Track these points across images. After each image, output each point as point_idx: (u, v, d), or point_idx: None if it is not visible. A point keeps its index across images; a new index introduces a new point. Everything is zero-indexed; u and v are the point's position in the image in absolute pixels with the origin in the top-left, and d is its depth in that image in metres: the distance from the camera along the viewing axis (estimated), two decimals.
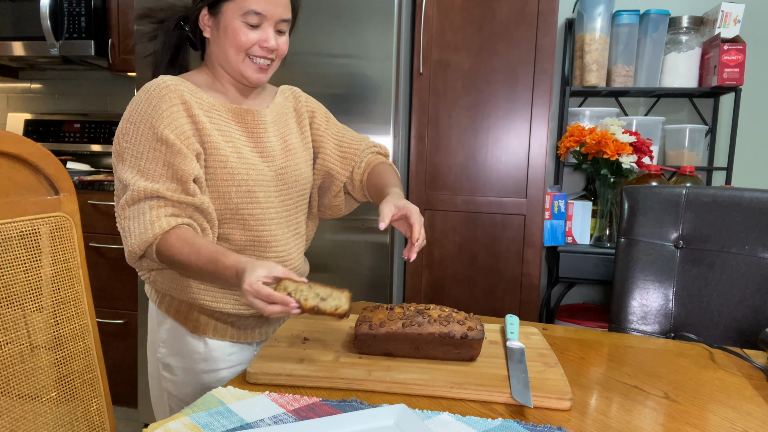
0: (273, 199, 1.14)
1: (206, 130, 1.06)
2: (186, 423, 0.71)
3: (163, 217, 0.99)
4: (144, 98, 1.04)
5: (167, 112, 1.02)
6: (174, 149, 1.01)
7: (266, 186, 1.12)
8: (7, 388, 0.80)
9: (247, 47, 1.07)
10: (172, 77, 1.08)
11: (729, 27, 2.11)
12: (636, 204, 1.41)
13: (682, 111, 2.42)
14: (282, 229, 1.16)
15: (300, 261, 1.24)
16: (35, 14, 2.59)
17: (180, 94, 1.05)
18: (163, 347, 1.15)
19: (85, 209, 2.42)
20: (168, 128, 1.01)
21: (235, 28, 1.06)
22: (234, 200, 1.08)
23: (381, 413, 0.71)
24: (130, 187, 1.00)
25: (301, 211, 1.23)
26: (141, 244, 0.98)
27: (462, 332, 0.89)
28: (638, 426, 0.75)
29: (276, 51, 1.10)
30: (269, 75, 1.13)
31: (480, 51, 2.01)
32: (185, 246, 0.97)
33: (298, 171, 1.19)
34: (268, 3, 1.06)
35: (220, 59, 1.11)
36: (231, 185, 1.07)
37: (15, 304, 0.82)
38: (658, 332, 1.37)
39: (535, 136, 2.00)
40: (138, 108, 1.03)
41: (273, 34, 1.08)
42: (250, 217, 1.10)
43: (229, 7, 1.06)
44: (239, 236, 1.11)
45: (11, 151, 0.84)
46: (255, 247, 1.13)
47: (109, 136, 2.96)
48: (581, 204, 2.18)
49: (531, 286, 2.03)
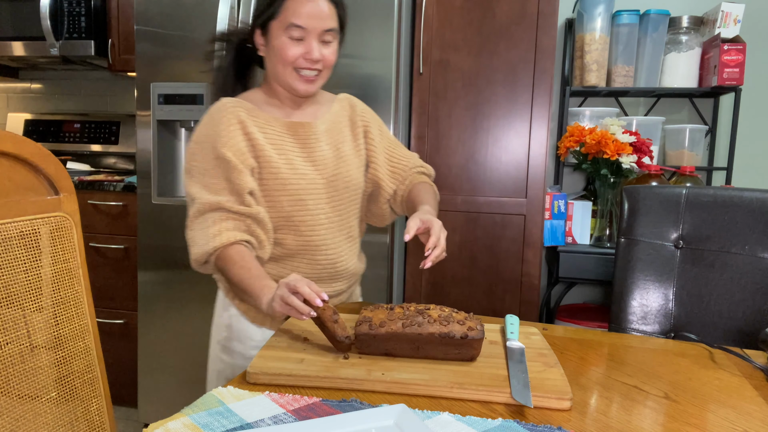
0: (323, 206, 1.21)
1: (260, 145, 1.15)
2: (186, 423, 0.71)
3: (225, 232, 1.10)
4: (207, 121, 1.17)
5: (225, 131, 1.14)
6: (231, 165, 1.12)
7: (317, 194, 1.20)
8: (7, 388, 0.80)
9: (293, 61, 1.14)
10: (231, 99, 1.20)
11: (729, 27, 2.11)
12: (636, 204, 1.41)
13: (682, 111, 2.42)
14: (333, 234, 1.23)
15: (353, 262, 1.30)
16: (35, 14, 2.59)
17: (236, 115, 1.16)
18: (225, 331, 1.26)
19: (85, 209, 2.42)
20: (225, 147, 1.13)
21: (281, 44, 1.14)
22: (286, 208, 1.17)
23: (381, 413, 0.71)
24: (196, 201, 1.13)
25: (353, 215, 1.29)
26: (203, 255, 1.10)
27: (462, 332, 0.89)
28: (638, 426, 0.75)
29: (321, 62, 1.16)
30: (317, 85, 1.20)
31: (480, 51, 2.01)
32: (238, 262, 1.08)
33: (349, 177, 1.25)
34: (309, 16, 1.12)
35: (273, 74, 1.20)
36: (282, 194, 1.17)
37: (15, 304, 0.82)
38: (658, 332, 1.37)
39: (535, 136, 2.00)
40: (202, 130, 1.17)
41: (316, 45, 1.14)
42: (301, 223, 1.19)
43: (275, 25, 1.14)
44: (292, 241, 1.20)
45: (11, 151, 0.84)
46: (306, 251, 1.21)
47: (108, 136, 2.96)
48: (581, 204, 2.18)
49: (531, 286, 2.03)
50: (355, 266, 1.31)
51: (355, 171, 1.27)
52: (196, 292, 2.19)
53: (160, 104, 2.15)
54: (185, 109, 2.13)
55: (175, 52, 2.12)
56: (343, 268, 1.27)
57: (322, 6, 1.13)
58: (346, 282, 1.30)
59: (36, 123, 3.04)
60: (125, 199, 2.40)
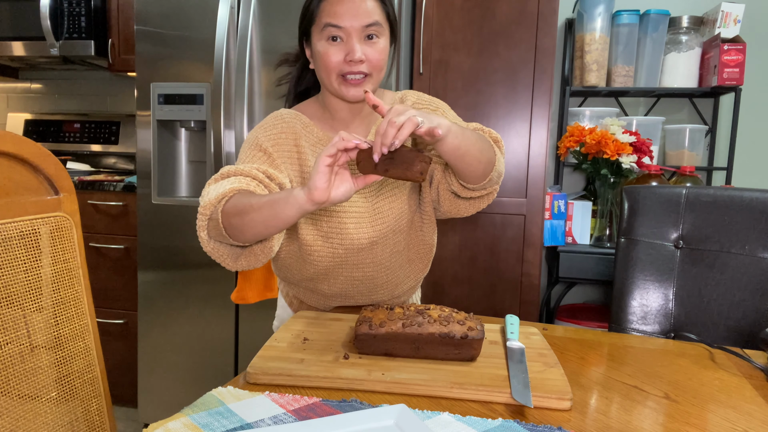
0: (366, 228, 1.14)
1: (308, 161, 1.11)
2: (186, 423, 0.71)
3: (239, 184, 0.97)
4: (261, 124, 1.14)
5: (274, 131, 1.12)
6: (271, 158, 1.09)
7: (358, 216, 1.13)
8: (7, 388, 0.80)
9: (336, 67, 1.06)
10: (289, 111, 1.16)
11: (729, 27, 2.11)
12: (636, 204, 1.41)
13: (682, 111, 2.42)
14: (374, 251, 1.16)
15: (397, 275, 1.22)
16: (35, 14, 2.59)
17: (292, 126, 1.13)
18: (276, 320, 1.36)
19: (85, 209, 2.42)
20: (269, 142, 1.10)
21: (322, 49, 1.06)
22: (324, 229, 1.13)
23: (381, 413, 0.71)
24: (221, 170, 1.03)
25: (399, 231, 1.18)
26: (208, 205, 0.96)
27: (462, 332, 0.89)
28: (638, 426, 0.75)
29: (365, 62, 1.06)
30: (367, 89, 1.07)
31: (480, 51, 2.01)
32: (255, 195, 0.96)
33: (393, 195, 1.16)
34: (346, 13, 1.03)
35: (322, 84, 1.13)
36: (323, 214, 1.12)
37: (15, 304, 0.82)
38: (658, 332, 1.37)
39: (535, 136, 2.00)
40: (254, 131, 1.14)
41: (357, 44, 1.04)
42: (339, 245, 1.13)
43: (314, 30, 1.08)
44: (328, 260, 1.15)
45: (11, 151, 0.84)
46: (343, 268, 1.16)
47: (108, 136, 2.96)
48: (581, 204, 2.18)
49: (531, 286, 2.03)
50: (397, 278, 1.24)
51: (402, 186, 1.17)
52: (196, 292, 2.19)
53: (160, 104, 2.15)
54: (185, 109, 2.13)
55: (175, 52, 2.12)
56: (383, 282, 1.21)
57: (361, 1, 1.04)
58: (388, 293, 1.25)
59: (36, 123, 3.04)
60: (125, 199, 2.40)
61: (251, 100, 2.07)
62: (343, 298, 1.23)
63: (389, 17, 1.09)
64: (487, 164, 1.07)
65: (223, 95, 2.04)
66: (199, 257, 2.17)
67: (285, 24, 2.02)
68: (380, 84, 1.14)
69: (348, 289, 1.21)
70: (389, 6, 1.09)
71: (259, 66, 2.05)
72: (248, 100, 2.06)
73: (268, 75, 2.06)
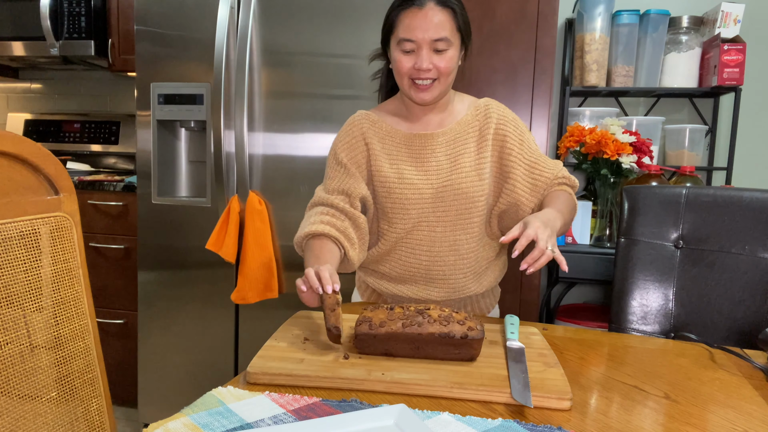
0: (428, 215, 1.27)
1: (375, 153, 1.28)
2: (186, 423, 0.71)
3: (320, 224, 1.20)
4: (340, 131, 1.33)
5: (346, 139, 1.30)
6: (349, 172, 1.27)
7: (422, 202, 1.26)
8: (7, 388, 0.80)
9: (406, 72, 1.21)
10: (362, 111, 1.33)
11: (729, 27, 2.11)
12: (636, 204, 1.41)
13: (682, 111, 2.42)
14: (432, 240, 1.28)
15: (458, 277, 1.31)
16: (35, 14, 2.59)
17: (360, 127, 1.30)
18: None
19: (85, 209, 2.42)
20: (344, 152, 1.28)
21: (396, 57, 1.21)
22: (388, 215, 1.28)
23: (381, 413, 0.71)
24: (314, 195, 1.29)
25: (461, 228, 1.28)
26: (298, 238, 1.22)
27: (462, 332, 0.89)
28: (638, 426, 0.75)
29: (432, 71, 1.19)
30: (434, 93, 1.22)
31: (480, 51, 2.01)
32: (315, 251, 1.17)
33: (461, 189, 1.25)
34: (416, 29, 1.16)
35: (399, 86, 1.27)
36: (388, 201, 1.27)
37: (15, 304, 0.82)
38: (658, 332, 1.37)
39: (535, 136, 2.00)
40: (335, 139, 1.33)
41: (426, 56, 1.18)
42: (403, 231, 1.28)
43: (392, 40, 1.22)
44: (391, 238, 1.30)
45: (11, 151, 0.84)
46: (400, 249, 1.30)
47: (108, 136, 2.96)
48: (581, 204, 2.18)
49: (531, 286, 2.03)
50: (458, 281, 1.31)
51: (470, 183, 1.25)
52: (196, 292, 2.19)
53: (160, 104, 2.15)
54: (185, 109, 2.13)
55: (175, 52, 2.12)
56: (439, 277, 1.30)
57: (432, 17, 1.16)
58: (444, 293, 1.32)
59: (36, 123, 3.04)
60: (125, 199, 2.40)
61: (251, 100, 2.07)
62: (401, 283, 1.34)
63: (460, 28, 1.20)
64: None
65: (223, 95, 2.04)
66: (199, 257, 2.17)
67: (285, 24, 2.02)
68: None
69: (404, 274, 1.32)
70: (460, 16, 1.20)
71: (259, 66, 2.05)
72: (248, 100, 2.06)
73: (268, 75, 2.06)
